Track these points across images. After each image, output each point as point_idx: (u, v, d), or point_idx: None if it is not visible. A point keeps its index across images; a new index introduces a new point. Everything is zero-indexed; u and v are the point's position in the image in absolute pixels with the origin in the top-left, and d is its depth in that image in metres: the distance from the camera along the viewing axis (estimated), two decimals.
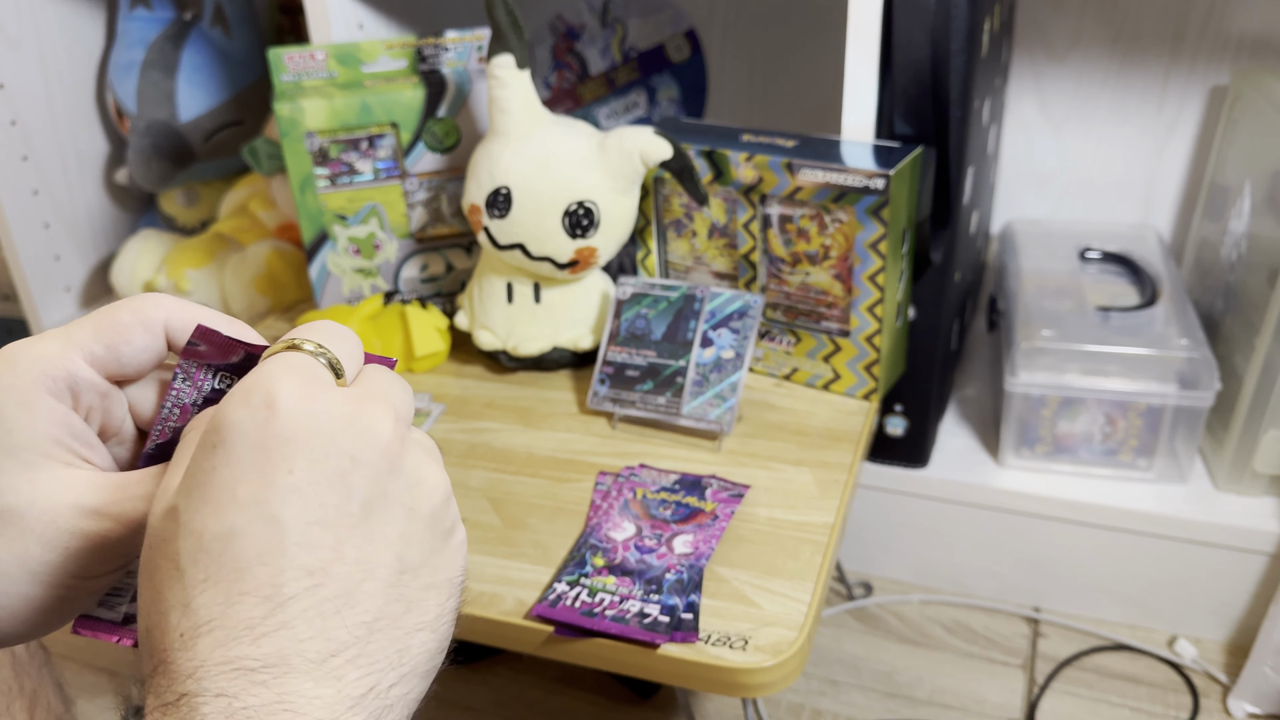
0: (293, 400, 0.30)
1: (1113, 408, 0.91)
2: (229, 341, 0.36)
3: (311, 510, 0.29)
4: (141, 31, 1.18)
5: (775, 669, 0.59)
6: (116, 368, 0.35)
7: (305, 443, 0.30)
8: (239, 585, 0.28)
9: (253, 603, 0.28)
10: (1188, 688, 0.90)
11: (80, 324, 0.35)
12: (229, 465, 0.29)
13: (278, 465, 0.29)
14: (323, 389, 0.31)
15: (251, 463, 0.29)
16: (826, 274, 0.82)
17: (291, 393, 0.30)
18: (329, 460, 0.30)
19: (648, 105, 1.12)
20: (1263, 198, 0.92)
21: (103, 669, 0.99)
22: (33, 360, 0.33)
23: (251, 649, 0.28)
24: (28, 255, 1.22)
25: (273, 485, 0.29)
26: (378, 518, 0.31)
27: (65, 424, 0.34)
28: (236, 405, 0.30)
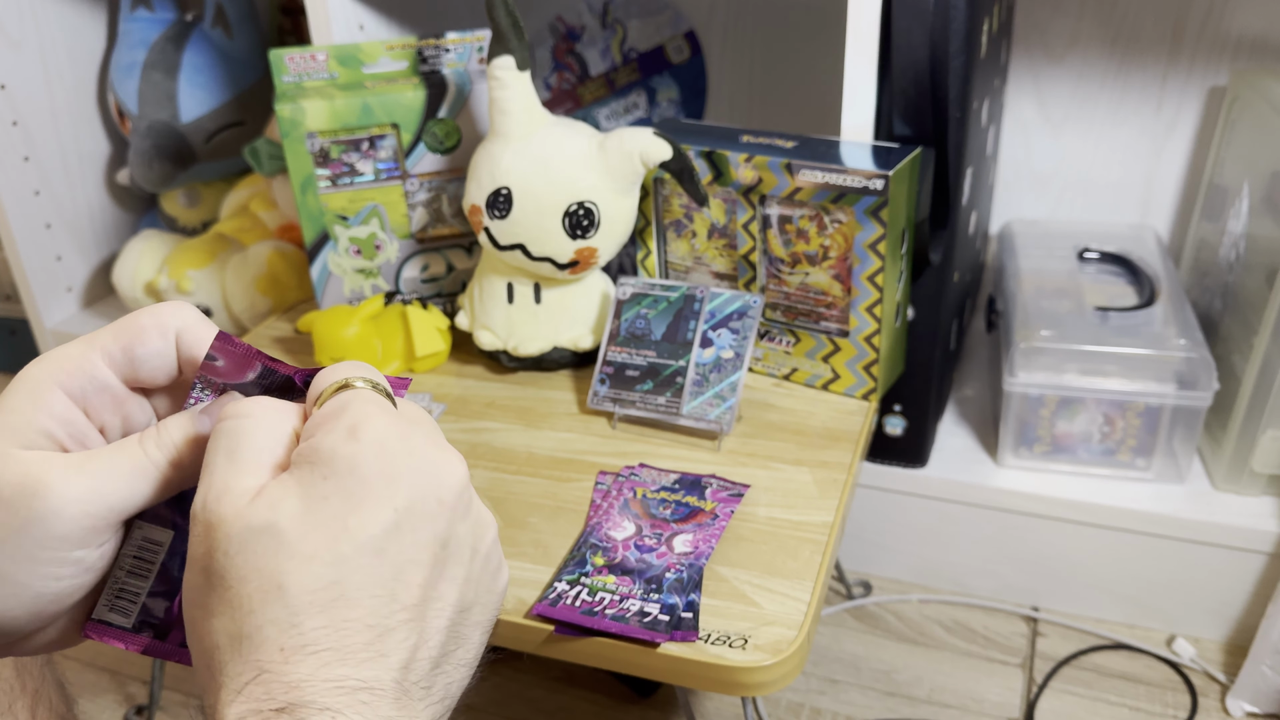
0: (396, 440, 0.32)
1: (1111, 407, 0.91)
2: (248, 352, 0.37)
3: (407, 549, 0.32)
4: (143, 32, 1.18)
5: (774, 668, 0.59)
6: (131, 370, 0.36)
7: (407, 483, 0.32)
8: (346, 613, 0.30)
9: (358, 629, 0.30)
10: (1186, 687, 0.90)
11: (103, 330, 0.36)
12: (340, 496, 0.31)
13: (385, 502, 0.31)
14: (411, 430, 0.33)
15: (362, 497, 0.31)
16: (826, 274, 0.82)
17: (394, 433, 0.32)
18: (424, 502, 0.32)
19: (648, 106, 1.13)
20: (1261, 198, 0.92)
21: (104, 668, 1.00)
22: (55, 359, 0.35)
23: (355, 671, 0.30)
24: (29, 256, 1.22)
25: (380, 522, 0.31)
26: (452, 558, 0.33)
27: (63, 419, 0.35)
28: (345, 439, 0.32)
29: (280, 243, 1.13)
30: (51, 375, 0.35)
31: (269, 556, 0.31)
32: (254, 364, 0.37)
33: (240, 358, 0.37)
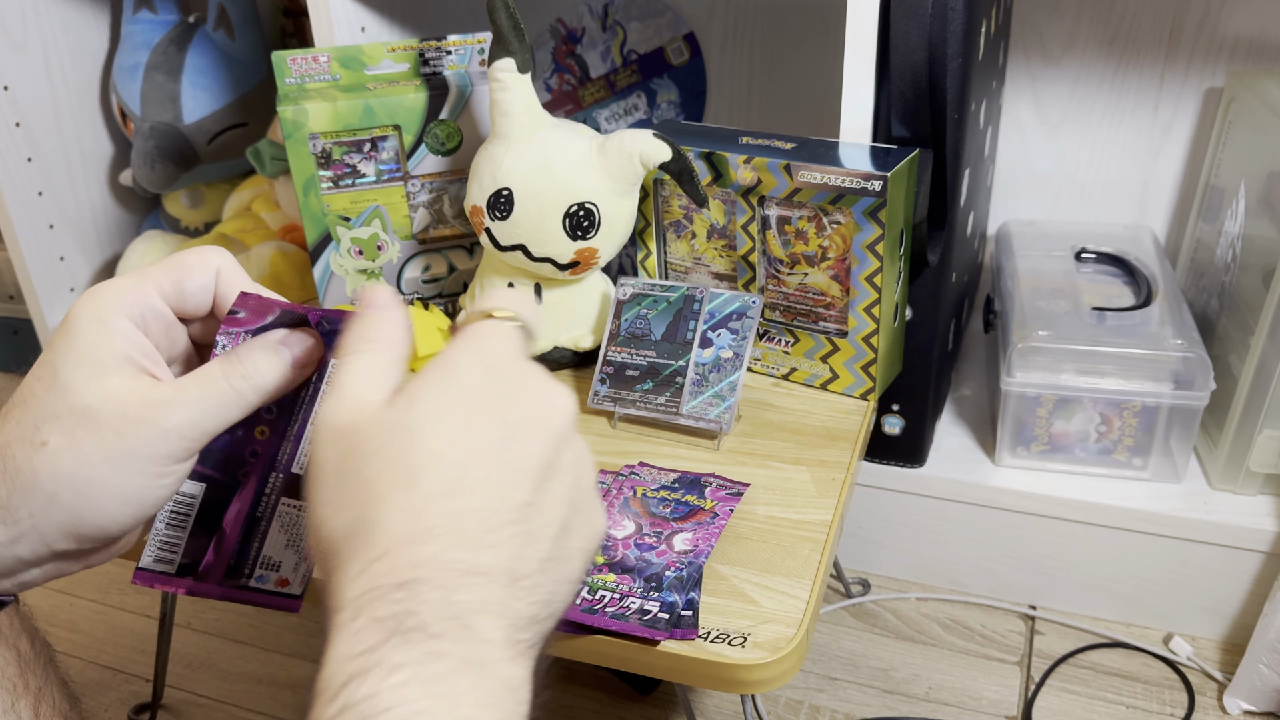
0: (521, 364, 0.37)
1: (1108, 407, 0.91)
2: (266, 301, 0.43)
3: (521, 458, 0.35)
4: (146, 34, 1.19)
5: (773, 665, 0.59)
6: (179, 301, 0.42)
7: (523, 403, 0.36)
8: (466, 503, 0.34)
9: (479, 518, 0.34)
10: (1183, 685, 0.91)
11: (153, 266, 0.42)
12: (467, 404, 0.35)
13: (504, 416, 0.36)
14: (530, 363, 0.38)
15: (484, 405, 0.36)
16: (824, 275, 0.82)
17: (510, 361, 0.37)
18: (537, 423, 0.36)
19: (647, 108, 1.13)
20: (1257, 199, 0.93)
21: (107, 666, 1.00)
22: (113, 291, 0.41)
23: (470, 555, 0.33)
24: (33, 256, 1.23)
25: (501, 429, 0.35)
26: (556, 479, 0.36)
27: (136, 343, 0.40)
28: (480, 352, 0.37)
29: (283, 243, 1.14)
30: (116, 305, 0.40)
31: (405, 450, 0.34)
32: (273, 309, 0.43)
33: (260, 308, 0.43)
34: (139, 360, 0.40)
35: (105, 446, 0.39)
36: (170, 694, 0.96)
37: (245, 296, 0.42)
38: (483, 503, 0.34)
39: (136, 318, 0.40)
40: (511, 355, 0.37)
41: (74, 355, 0.39)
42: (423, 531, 0.33)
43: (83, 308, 0.40)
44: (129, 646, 1.02)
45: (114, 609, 1.07)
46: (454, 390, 0.36)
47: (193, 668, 0.99)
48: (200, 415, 0.40)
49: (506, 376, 0.37)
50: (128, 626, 1.05)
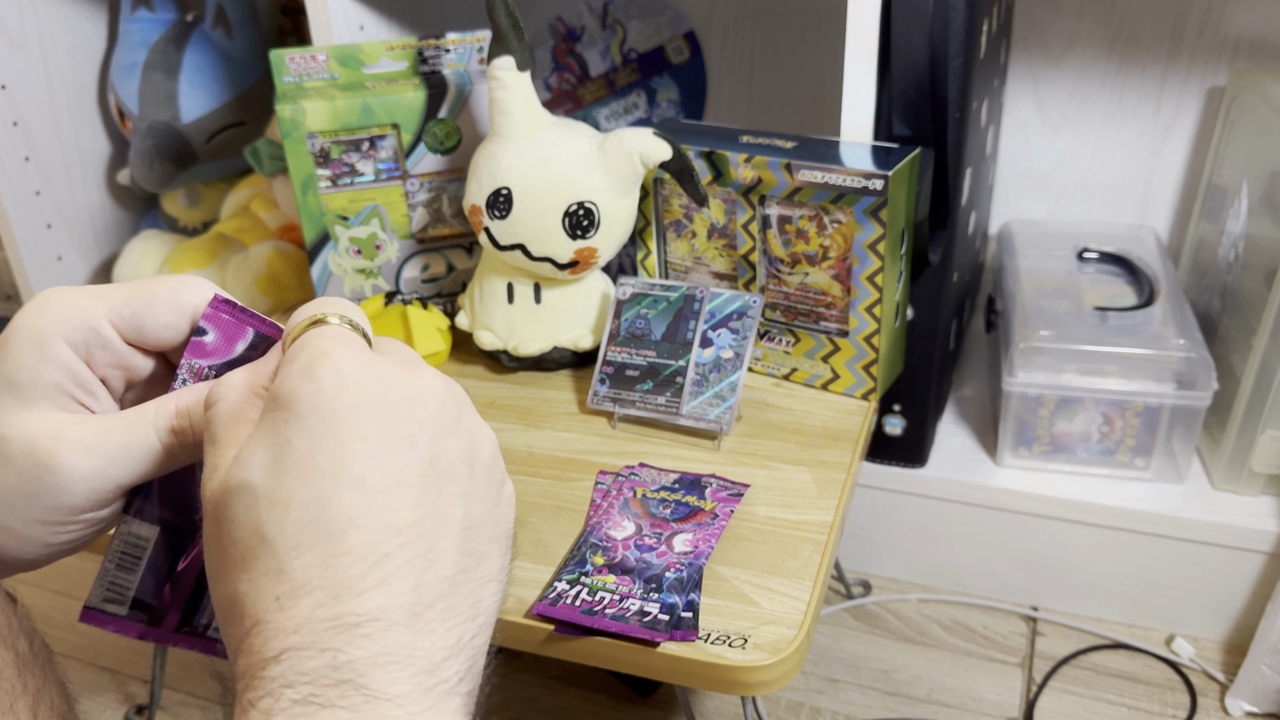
0: (356, 370, 0.32)
1: (1110, 407, 0.91)
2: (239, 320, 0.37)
3: (390, 473, 0.31)
4: (143, 33, 1.18)
5: (774, 667, 0.59)
6: (136, 336, 0.37)
7: (375, 410, 0.31)
8: (334, 547, 0.30)
9: (350, 562, 0.30)
10: (1185, 686, 0.90)
11: (118, 287, 0.37)
12: (304, 436, 0.31)
13: (353, 433, 0.31)
14: (374, 358, 0.33)
15: (327, 432, 0.31)
16: (825, 274, 0.82)
17: (354, 363, 0.32)
18: (399, 425, 0.31)
19: (647, 107, 1.13)
20: (1260, 198, 0.92)
21: (105, 668, 1.00)
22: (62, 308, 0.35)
23: (353, 605, 0.29)
24: (30, 256, 1.22)
25: (353, 452, 0.30)
26: (446, 476, 0.32)
27: (71, 372, 0.35)
28: (300, 379, 0.31)
29: (281, 243, 1.13)
30: (54, 327, 0.35)
31: (250, 513, 0.31)
32: (245, 332, 0.38)
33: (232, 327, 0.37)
34: (69, 390, 0.36)
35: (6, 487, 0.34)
36: (168, 695, 0.96)
37: (217, 310, 0.37)
38: (356, 542, 0.30)
39: (78, 343, 0.36)
40: (347, 359, 0.32)
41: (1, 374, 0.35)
42: (290, 593, 0.29)
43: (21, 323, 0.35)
44: (126, 648, 1.02)
45: None
46: (288, 425, 0.31)
47: (190, 669, 0.99)
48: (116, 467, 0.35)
49: (348, 385, 0.31)
50: None
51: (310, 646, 0.29)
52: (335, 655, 0.29)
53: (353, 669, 0.29)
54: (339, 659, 0.29)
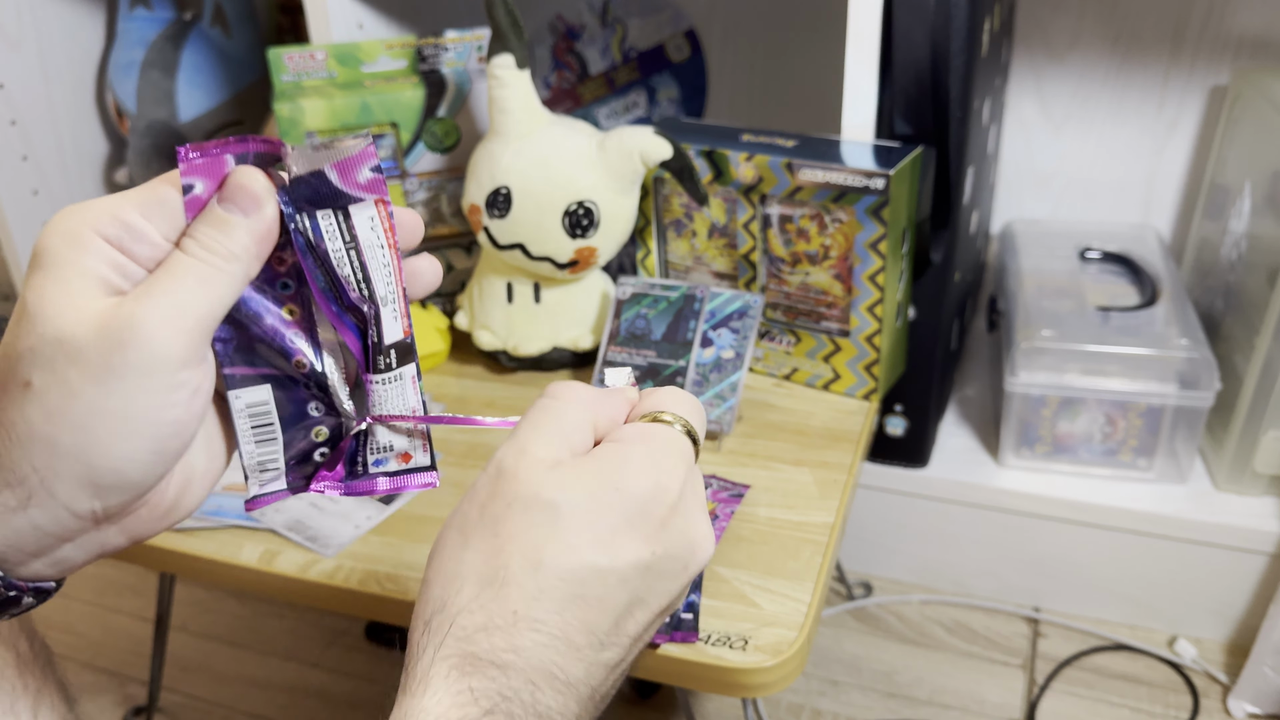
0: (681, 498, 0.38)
1: (1113, 408, 0.91)
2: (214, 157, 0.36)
3: (644, 589, 0.36)
4: (141, 31, 1.18)
5: (775, 669, 0.59)
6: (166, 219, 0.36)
7: (672, 538, 0.37)
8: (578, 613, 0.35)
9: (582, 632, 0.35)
10: (1188, 688, 0.90)
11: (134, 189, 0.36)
12: (621, 515, 0.36)
13: (650, 542, 0.36)
14: (697, 492, 0.39)
15: (636, 527, 0.36)
16: (826, 274, 0.82)
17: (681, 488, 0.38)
18: (675, 560, 0.37)
19: (648, 105, 1.12)
20: (1263, 197, 0.92)
21: (104, 668, 0.99)
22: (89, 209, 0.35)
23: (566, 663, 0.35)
24: (28, 255, 1.22)
25: (640, 556, 0.36)
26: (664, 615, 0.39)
27: (112, 262, 0.34)
28: (643, 471, 0.37)
29: None
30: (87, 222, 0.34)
31: (541, 529, 0.35)
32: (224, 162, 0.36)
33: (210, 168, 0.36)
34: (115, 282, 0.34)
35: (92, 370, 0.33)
36: (166, 696, 0.95)
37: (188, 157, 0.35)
38: (594, 623, 0.35)
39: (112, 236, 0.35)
40: (683, 478, 0.38)
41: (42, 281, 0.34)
42: (530, 620, 0.34)
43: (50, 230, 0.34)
44: (125, 649, 1.02)
45: (110, 611, 1.07)
46: (616, 495, 0.36)
47: (189, 670, 0.98)
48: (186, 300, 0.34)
49: (670, 502, 0.37)
50: (124, 629, 1.04)
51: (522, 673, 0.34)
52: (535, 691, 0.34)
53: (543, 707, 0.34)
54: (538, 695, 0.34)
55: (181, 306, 0.34)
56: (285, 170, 0.37)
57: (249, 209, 0.36)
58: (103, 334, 0.33)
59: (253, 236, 0.36)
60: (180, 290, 0.34)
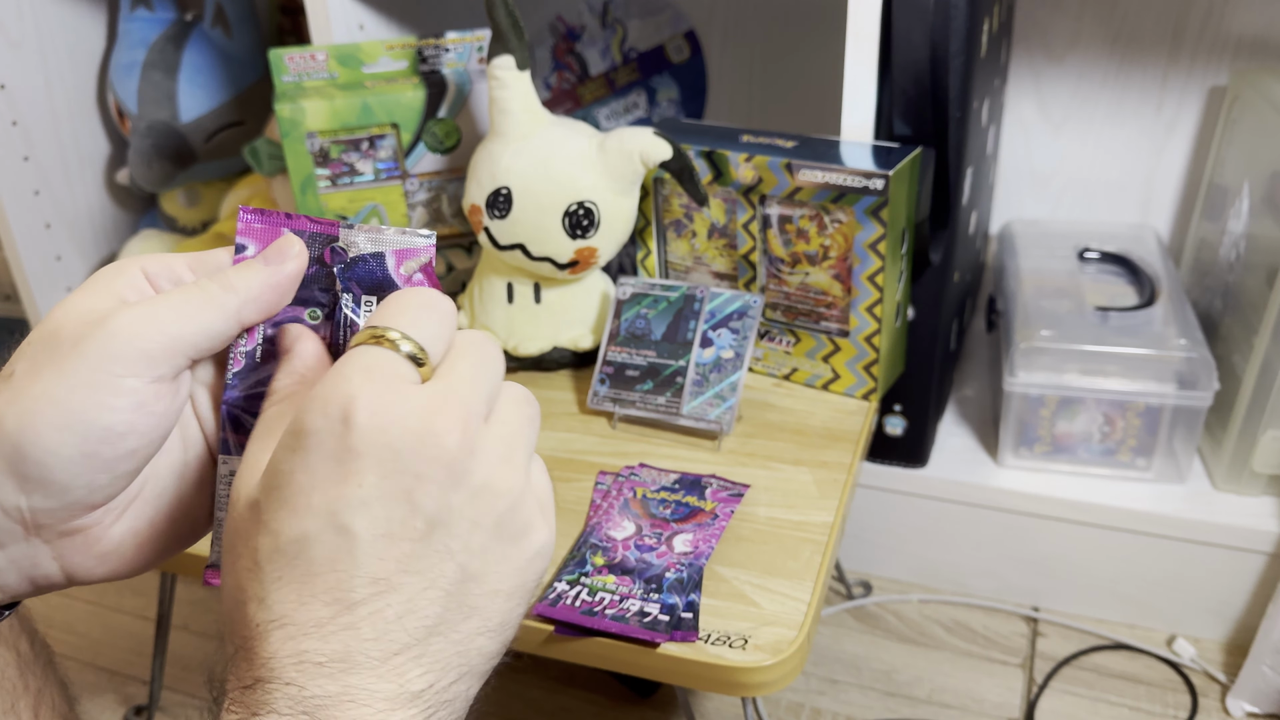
0: (367, 414, 0.31)
1: (1111, 408, 0.91)
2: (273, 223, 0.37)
3: (379, 523, 0.31)
4: (142, 32, 1.18)
5: (775, 668, 0.59)
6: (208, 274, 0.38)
7: (375, 458, 0.31)
8: (309, 587, 0.31)
9: (321, 605, 0.31)
10: (1186, 687, 0.90)
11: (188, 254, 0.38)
12: (305, 471, 0.31)
13: (349, 478, 0.31)
14: (398, 399, 0.32)
15: (325, 473, 0.31)
16: (826, 274, 0.82)
17: (367, 406, 0.31)
18: (398, 476, 0.31)
19: (648, 106, 1.13)
20: (1261, 198, 0.92)
21: (104, 668, 1.00)
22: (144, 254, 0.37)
23: (319, 645, 0.30)
24: (29, 255, 1.22)
25: (344, 497, 0.31)
26: (441, 531, 0.32)
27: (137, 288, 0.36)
28: (315, 414, 0.31)
29: None
30: (137, 259, 0.36)
31: (251, 533, 0.32)
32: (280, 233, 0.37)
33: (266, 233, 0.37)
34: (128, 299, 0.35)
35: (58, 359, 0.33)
36: (167, 695, 0.96)
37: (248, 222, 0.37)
38: (331, 584, 0.31)
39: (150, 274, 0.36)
40: (373, 395, 0.31)
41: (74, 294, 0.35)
42: (268, 623, 0.31)
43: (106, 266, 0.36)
44: (126, 649, 1.02)
45: (111, 610, 1.07)
46: (295, 456, 0.31)
47: (189, 670, 0.98)
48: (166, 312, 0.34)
49: (356, 432, 0.31)
50: (125, 628, 1.04)
51: (276, 679, 0.30)
52: (299, 690, 0.30)
53: (315, 704, 0.30)
54: (302, 694, 0.30)
55: (157, 317, 0.34)
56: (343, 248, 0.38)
57: (271, 259, 0.37)
58: (80, 324, 0.34)
59: (262, 281, 0.36)
60: (164, 304, 0.35)
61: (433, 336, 0.34)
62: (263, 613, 0.31)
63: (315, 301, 0.38)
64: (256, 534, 0.31)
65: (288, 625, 0.30)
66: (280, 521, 0.31)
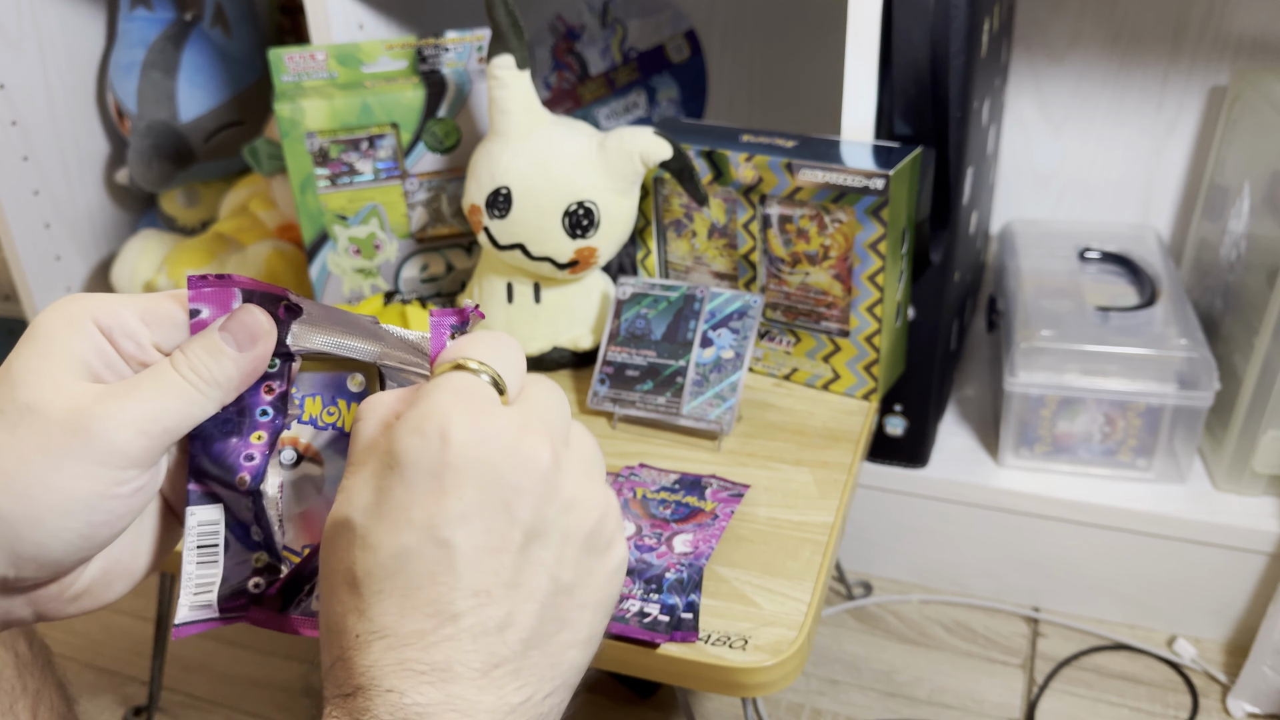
0: (463, 430, 0.32)
1: (1112, 408, 0.91)
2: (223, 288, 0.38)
3: (478, 536, 0.32)
4: (142, 32, 1.18)
5: (775, 668, 0.59)
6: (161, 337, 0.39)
7: (474, 472, 0.32)
8: (411, 600, 0.31)
9: (423, 616, 0.31)
10: (1187, 687, 0.90)
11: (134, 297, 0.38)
12: (404, 488, 0.32)
13: (449, 492, 0.32)
14: (489, 417, 0.33)
15: (425, 488, 0.32)
16: (826, 274, 0.82)
17: (462, 423, 0.33)
18: (495, 489, 0.32)
19: (647, 105, 1.13)
20: (1262, 198, 0.92)
21: (104, 668, 0.99)
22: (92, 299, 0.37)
23: (421, 654, 0.31)
24: (28, 255, 1.22)
25: (444, 511, 0.32)
26: (536, 543, 0.33)
27: (99, 350, 0.36)
28: (412, 434, 0.33)
29: (279, 242, 1.13)
30: (86, 310, 0.36)
31: (345, 549, 0.33)
32: (233, 294, 0.39)
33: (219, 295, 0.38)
34: (97, 369, 0.36)
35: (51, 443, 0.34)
36: (166, 696, 0.95)
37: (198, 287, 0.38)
38: (432, 596, 0.31)
39: (106, 328, 0.37)
40: (467, 413, 0.33)
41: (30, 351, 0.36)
42: (368, 634, 0.31)
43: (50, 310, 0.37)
44: (125, 649, 1.02)
45: (110, 611, 1.07)
46: (393, 474, 0.32)
47: (189, 670, 0.98)
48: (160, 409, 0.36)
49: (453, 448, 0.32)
50: (124, 628, 1.04)
51: (376, 686, 0.31)
52: (400, 697, 0.30)
53: (415, 710, 0.30)
54: (403, 700, 0.30)
55: (154, 415, 0.36)
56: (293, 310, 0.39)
57: (243, 344, 0.38)
58: (71, 414, 0.34)
59: (239, 370, 0.38)
60: (156, 400, 0.36)
61: (509, 369, 0.36)
62: (363, 624, 0.32)
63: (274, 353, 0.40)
64: (353, 551, 0.32)
65: (389, 636, 0.31)
66: (379, 537, 0.32)
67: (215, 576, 0.40)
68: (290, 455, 0.41)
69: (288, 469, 0.41)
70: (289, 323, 0.40)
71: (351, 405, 0.41)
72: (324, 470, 0.41)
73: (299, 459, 0.41)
